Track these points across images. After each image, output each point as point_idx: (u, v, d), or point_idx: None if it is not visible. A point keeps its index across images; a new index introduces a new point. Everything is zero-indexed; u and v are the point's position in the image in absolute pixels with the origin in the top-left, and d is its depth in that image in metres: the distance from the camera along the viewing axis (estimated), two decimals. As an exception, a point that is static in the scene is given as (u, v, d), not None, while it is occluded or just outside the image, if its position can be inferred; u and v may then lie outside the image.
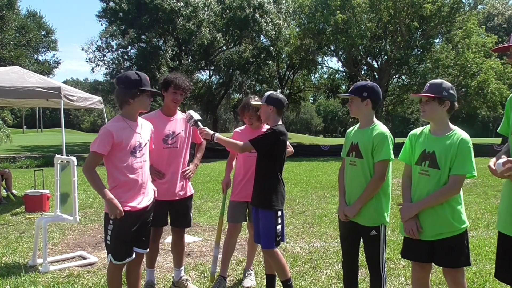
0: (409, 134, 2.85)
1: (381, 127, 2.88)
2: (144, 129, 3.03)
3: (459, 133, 2.59)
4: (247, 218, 3.82)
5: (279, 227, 3.19)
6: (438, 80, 2.68)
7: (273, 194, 3.17)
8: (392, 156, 2.82)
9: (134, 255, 2.94)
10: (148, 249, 3.10)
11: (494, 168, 2.09)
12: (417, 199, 2.64)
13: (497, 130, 2.42)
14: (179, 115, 3.63)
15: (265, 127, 3.70)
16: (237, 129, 3.88)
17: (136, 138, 2.91)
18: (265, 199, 3.18)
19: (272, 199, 3.16)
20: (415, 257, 2.72)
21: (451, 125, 2.65)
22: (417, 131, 2.81)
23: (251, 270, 3.94)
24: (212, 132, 3.26)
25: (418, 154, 2.69)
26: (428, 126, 2.75)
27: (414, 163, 2.71)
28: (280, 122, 3.27)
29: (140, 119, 3.05)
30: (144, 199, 2.95)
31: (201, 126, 3.31)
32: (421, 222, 2.60)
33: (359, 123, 3.04)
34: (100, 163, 2.85)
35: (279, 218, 3.19)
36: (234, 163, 3.93)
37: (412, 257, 2.75)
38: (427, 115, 2.64)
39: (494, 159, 2.14)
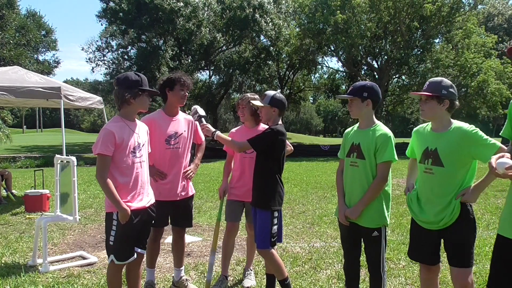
0: (413, 131, 2.84)
1: (383, 127, 2.85)
2: (141, 130, 3.04)
3: (460, 125, 2.56)
4: (243, 217, 3.82)
5: (275, 227, 3.17)
6: (438, 78, 2.64)
7: (270, 194, 3.17)
8: (396, 157, 2.79)
9: (136, 255, 2.94)
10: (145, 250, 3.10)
11: (494, 166, 1.96)
12: (426, 199, 2.64)
13: (500, 134, 2.36)
14: (182, 115, 3.62)
15: (261, 126, 3.70)
16: (233, 130, 3.88)
17: (135, 138, 2.92)
18: (262, 199, 3.19)
19: (269, 199, 3.16)
20: (422, 259, 2.72)
21: (452, 120, 2.62)
22: (420, 127, 2.80)
23: (251, 270, 3.94)
24: (213, 130, 3.31)
25: (421, 152, 2.66)
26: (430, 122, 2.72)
27: (418, 162, 2.69)
28: (280, 122, 3.27)
29: (136, 120, 3.05)
30: (144, 199, 2.96)
31: (205, 122, 3.38)
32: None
33: (358, 123, 3.02)
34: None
35: (276, 219, 3.18)
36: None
37: (419, 258, 2.74)
38: (426, 114, 2.62)
39: (495, 156, 2.02)
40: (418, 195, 2.72)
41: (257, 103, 3.28)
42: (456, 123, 2.59)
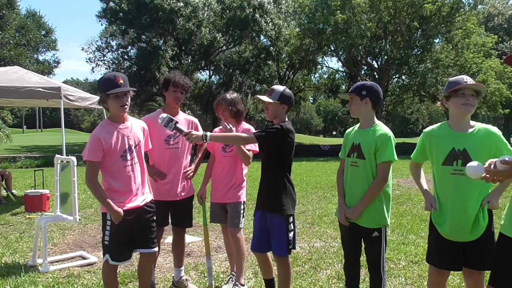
0: (424, 133, 2.77)
1: (383, 127, 2.84)
2: (134, 130, 2.96)
3: (486, 127, 2.55)
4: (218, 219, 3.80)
5: (291, 233, 3.02)
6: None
7: (283, 197, 3.00)
8: (395, 157, 2.77)
9: (132, 258, 2.93)
10: (156, 248, 3.06)
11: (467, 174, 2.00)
12: (455, 202, 2.53)
13: (511, 136, 2.39)
14: (182, 115, 3.62)
15: (242, 126, 3.65)
16: (216, 129, 3.83)
17: (125, 140, 2.87)
18: (275, 203, 3.01)
19: (283, 203, 2.99)
20: (445, 266, 2.63)
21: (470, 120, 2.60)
22: (432, 129, 2.74)
23: (234, 274, 3.78)
24: (201, 133, 2.85)
25: (445, 154, 2.57)
26: (445, 122, 2.68)
27: (441, 164, 2.59)
28: (286, 120, 3.10)
29: (130, 120, 2.99)
30: (138, 199, 2.93)
31: (185, 130, 2.89)
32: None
33: (359, 124, 3.01)
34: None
35: (291, 224, 3.02)
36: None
37: (441, 265, 2.64)
38: (471, 109, 2.56)
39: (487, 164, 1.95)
40: (441, 205, 2.61)
41: (265, 98, 3.03)
42: (477, 123, 2.59)
